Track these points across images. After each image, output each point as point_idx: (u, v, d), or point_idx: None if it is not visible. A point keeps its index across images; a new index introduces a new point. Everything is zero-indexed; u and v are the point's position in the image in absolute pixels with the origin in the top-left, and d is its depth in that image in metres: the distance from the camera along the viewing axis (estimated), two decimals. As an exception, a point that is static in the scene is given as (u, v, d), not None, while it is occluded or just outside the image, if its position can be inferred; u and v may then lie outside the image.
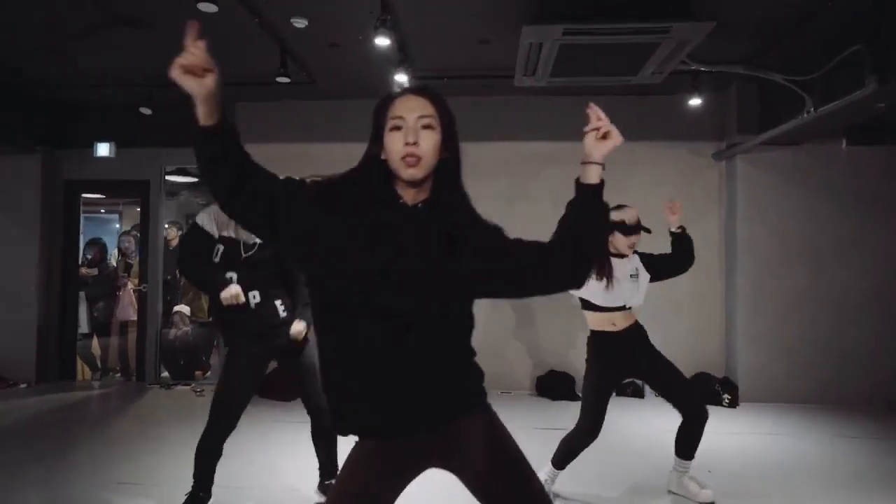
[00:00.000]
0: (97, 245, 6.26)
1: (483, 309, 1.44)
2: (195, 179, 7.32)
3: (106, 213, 9.55)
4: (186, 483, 2.87)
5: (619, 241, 2.96)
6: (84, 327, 6.13)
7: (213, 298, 2.70)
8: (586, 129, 1.43)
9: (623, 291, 2.92)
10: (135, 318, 6.01)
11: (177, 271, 6.56)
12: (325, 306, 1.37)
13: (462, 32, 4.09)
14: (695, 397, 2.92)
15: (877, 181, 5.17)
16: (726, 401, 4.97)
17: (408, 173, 1.33)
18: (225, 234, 2.65)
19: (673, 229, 3.12)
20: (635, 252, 3.08)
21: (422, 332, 1.33)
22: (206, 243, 2.65)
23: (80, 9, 3.76)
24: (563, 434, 3.02)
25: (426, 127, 1.34)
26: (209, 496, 2.77)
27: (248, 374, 2.69)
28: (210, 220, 2.66)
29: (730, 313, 5.40)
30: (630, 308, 2.97)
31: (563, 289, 1.51)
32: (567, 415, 3.00)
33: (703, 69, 4.20)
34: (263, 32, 3.98)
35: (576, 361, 5.20)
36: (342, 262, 1.31)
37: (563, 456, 2.94)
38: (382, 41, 3.49)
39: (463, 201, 1.43)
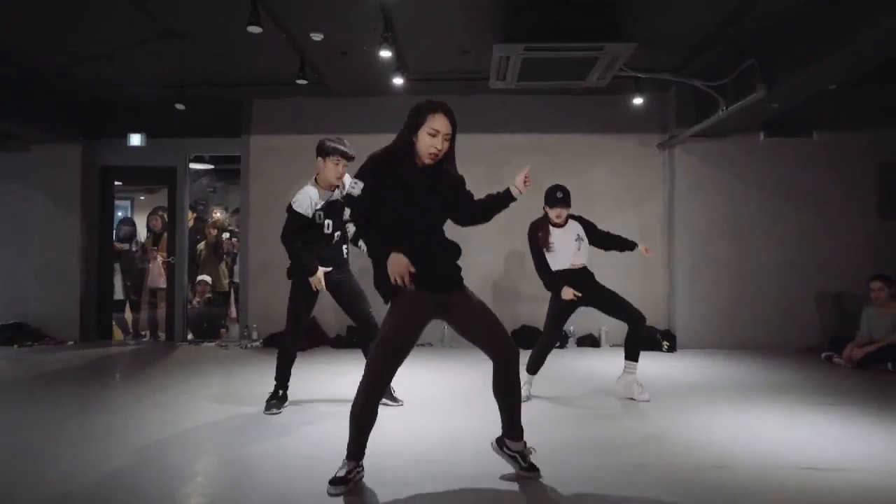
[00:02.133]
0: (128, 223, 7.13)
1: (467, 275, 2.48)
2: (211, 166, 8.22)
3: (118, 199, 10.37)
4: (234, 394, 3.81)
5: (549, 213, 3.96)
6: (119, 294, 7.00)
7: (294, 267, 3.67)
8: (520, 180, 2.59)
9: (567, 254, 3.94)
10: (164, 286, 6.90)
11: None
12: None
13: (447, 44, 5.07)
14: (633, 308, 3.95)
15: (789, 168, 6.26)
16: (665, 346, 6.04)
17: (428, 161, 2.46)
18: (318, 205, 3.59)
19: (636, 248, 4.15)
20: (578, 220, 4.08)
21: (433, 235, 2.49)
22: (303, 221, 3.58)
23: (137, 25, 4.65)
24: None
25: (445, 139, 2.42)
26: (286, 397, 3.71)
27: (311, 296, 3.65)
28: (302, 204, 3.59)
29: (671, 278, 6.47)
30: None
31: (472, 224, 2.67)
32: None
33: (640, 76, 5.23)
34: (287, 43, 4.90)
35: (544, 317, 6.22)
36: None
37: (534, 362, 3.98)
38: (385, 53, 4.45)
39: (451, 169, 2.54)
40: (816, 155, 6.22)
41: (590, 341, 6.40)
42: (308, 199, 3.60)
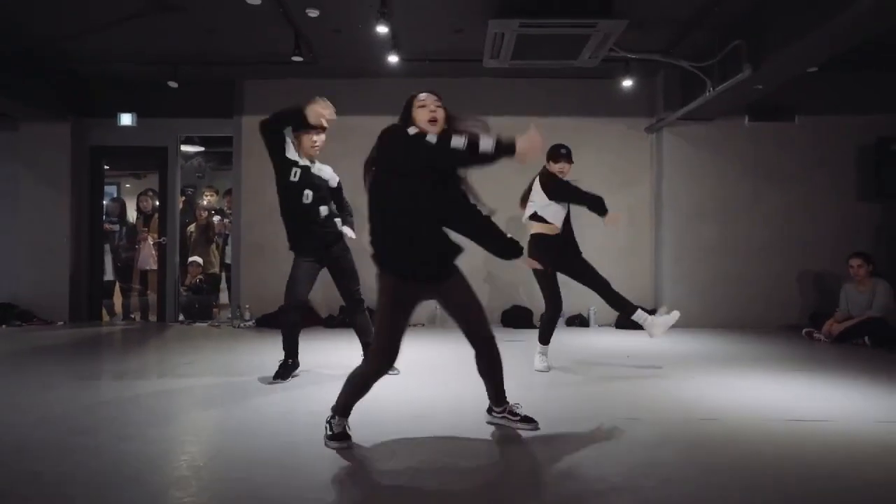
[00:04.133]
0: (118, 203, 7.09)
1: (466, 255, 2.53)
2: (201, 148, 8.20)
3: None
4: (233, 364, 3.86)
5: (553, 168, 4.06)
6: (109, 275, 6.96)
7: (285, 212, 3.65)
8: None
9: (563, 211, 4.05)
10: (155, 267, 6.88)
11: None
12: None
13: (440, 23, 5.13)
14: (605, 285, 4.03)
15: (772, 150, 6.44)
16: (652, 325, 6.18)
17: (431, 129, 2.45)
18: (301, 162, 3.60)
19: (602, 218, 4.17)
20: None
21: (432, 224, 2.47)
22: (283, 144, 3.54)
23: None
24: (522, 346, 4.12)
25: (436, 105, 2.49)
26: (297, 364, 3.73)
27: (309, 269, 3.66)
28: (290, 148, 3.61)
29: (657, 258, 6.62)
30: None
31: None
32: (531, 340, 4.14)
33: (630, 56, 5.34)
34: (283, 19, 4.92)
35: (535, 296, 6.33)
36: None
37: (544, 332, 4.08)
38: (382, 28, 4.50)
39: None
40: (798, 138, 6.41)
41: (579, 321, 6.53)
42: (292, 147, 3.62)
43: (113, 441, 2.52)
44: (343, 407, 2.53)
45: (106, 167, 8.19)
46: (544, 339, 4.12)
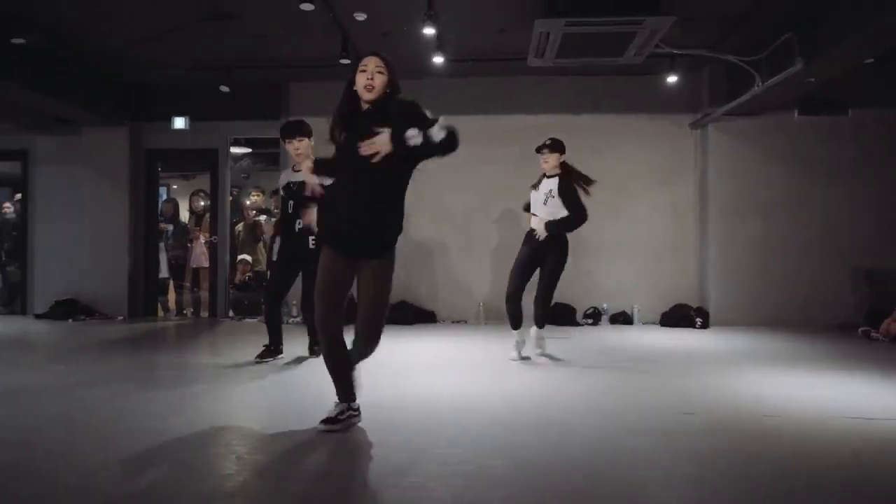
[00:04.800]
0: (172, 203, 7.40)
1: (494, 252, 2.56)
2: (248, 150, 8.48)
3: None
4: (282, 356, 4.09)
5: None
6: (164, 272, 7.27)
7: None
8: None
9: (536, 207, 4.21)
10: (206, 265, 7.15)
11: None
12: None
13: (485, 22, 5.18)
14: (546, 294, 4.20)
15: (820, 146, 6.27)
16: (699, 323, 6.11)
17: (366, 96, 2.44)
18: (283, 182, 4.04)
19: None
20: (559, 178, 4.17)
21: (361, 194, 2.42)
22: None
23: (190, 5, 4.84)
24: (564, 343, 4.19)
25: (377, 71, 2.44)
26: (279, 350, 4.09)
27: (284, 271, 4.02)
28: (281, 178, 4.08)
29: (703, 256, 6.52)
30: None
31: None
32: (575, 337, 4.17)
33: (676, 52, 5.29)
34: (332, 23, 5.06)
35: (576, 293, 6.32)
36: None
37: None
38: (429, 30, 4.58)
39: (403, 109, 2.45)
40: (849, 132, 6.22)
41: (623, 318, 6.49)
42: (282, 177, 4.13)
43: (179, 427, 2.67)
44: (337, 390, 2.61)
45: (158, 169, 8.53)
46: (540, 324, 4.30)
